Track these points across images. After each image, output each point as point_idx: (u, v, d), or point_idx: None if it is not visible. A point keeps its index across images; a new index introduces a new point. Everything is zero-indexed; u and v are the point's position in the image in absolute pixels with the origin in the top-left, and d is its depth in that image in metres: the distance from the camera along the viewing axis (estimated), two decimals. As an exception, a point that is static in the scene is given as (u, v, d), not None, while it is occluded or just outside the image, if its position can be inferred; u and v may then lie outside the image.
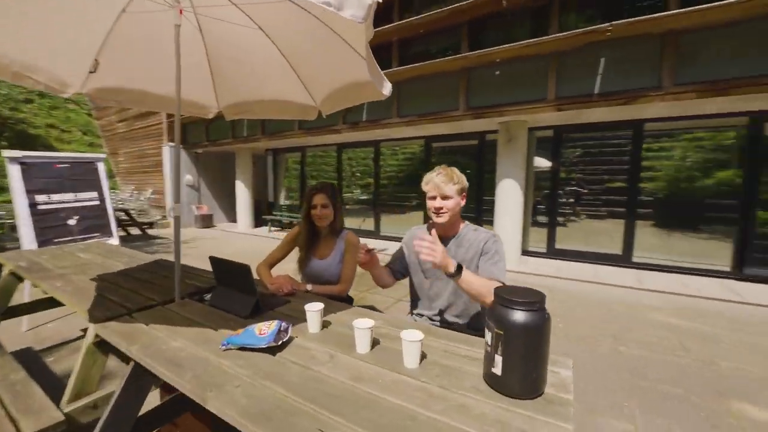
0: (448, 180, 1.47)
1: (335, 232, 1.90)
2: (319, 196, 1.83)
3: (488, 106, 5.30)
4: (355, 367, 1.02)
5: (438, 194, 1.48)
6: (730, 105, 4.53)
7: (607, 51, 4.51)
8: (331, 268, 1.86)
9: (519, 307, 0.88)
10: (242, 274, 1.42)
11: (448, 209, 1.48)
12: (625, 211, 5.91)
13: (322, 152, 10.09)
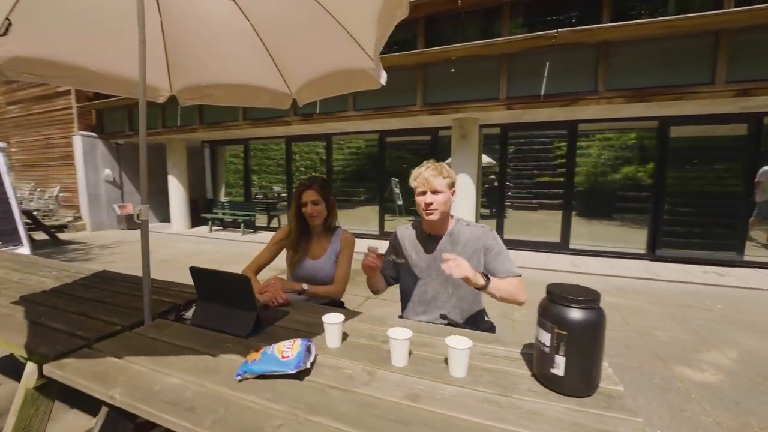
0: (437, 174, 1.41)
1: (329, 230, 1.76)
2: (309, 192, 1.67)
3: (445, 103, 5.41)
4: (402, 383, 0.92)
5: (428, 189, 1.41)
6: (646, 110, 5.20)
7: (552, 56, 4.87)
8: (325, 269, 1.72)
9: (581, 306, 0.86)
10: (238, 286, 1.22)
11: (439, 204, 1.41)
12: (561, 203, 6.51)
13: (263, 145, 9.48)
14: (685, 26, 4.30)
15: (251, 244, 7.04)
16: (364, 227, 8.50)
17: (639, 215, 6.39)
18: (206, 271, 1.28)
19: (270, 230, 8.64)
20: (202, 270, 1.29)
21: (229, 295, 1.25)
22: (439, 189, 1.41)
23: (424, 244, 1.56)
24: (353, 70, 1.74)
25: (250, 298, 1.20)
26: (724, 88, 4.31)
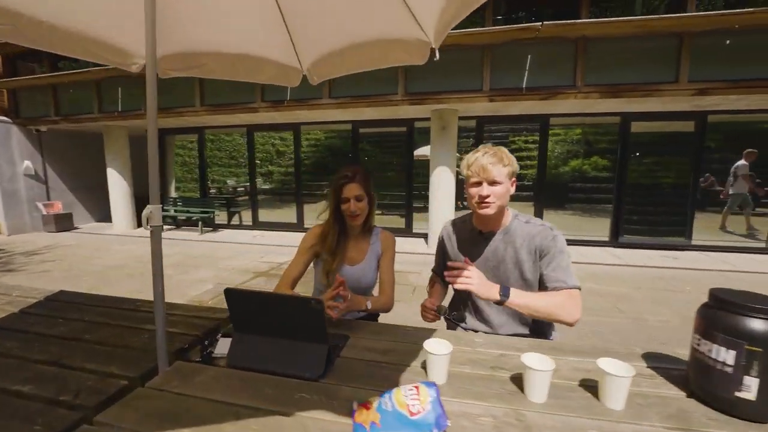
0: (497, 161, 1.19)
1: (368, 230, 1.49)
2: (352, 186, 1.36)
3: (428, 93, 5.24)
4: (566, 426, 0.71)
5: (484, 179, 1.20)
6: (614, 106, 5.47)
7: (534, 50, 4.90)
8: (368, 276, 1.45)
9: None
10: (302, 312, 0.92)
11: (497, 197, 1.20)
12: (532, 195, 6.72)
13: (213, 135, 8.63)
14: (654, 26, 4.53)
15: (213, 245, 6.38)
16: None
17: (601, 204, 6.83)
18: (252, 295, 0.96)
19: (231, 228, 7.93)
20: (245, 293, 0.96)
21: (287, 325, 0.94)
22: (498, 179, 1.19)
23: (474, 241, 1.35)
24: (392, 40, 1.46)
25: (319, 328, 0.90)
26: (686, 87, 4.63)
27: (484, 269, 1.32)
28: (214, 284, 4.09)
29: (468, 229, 1.41)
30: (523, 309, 1.12)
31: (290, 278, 1.39)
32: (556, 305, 1.12)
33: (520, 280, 1.27)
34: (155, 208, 0.93)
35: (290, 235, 7.15)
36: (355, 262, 1.45)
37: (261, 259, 5.25)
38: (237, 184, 14.68)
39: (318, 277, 1.48)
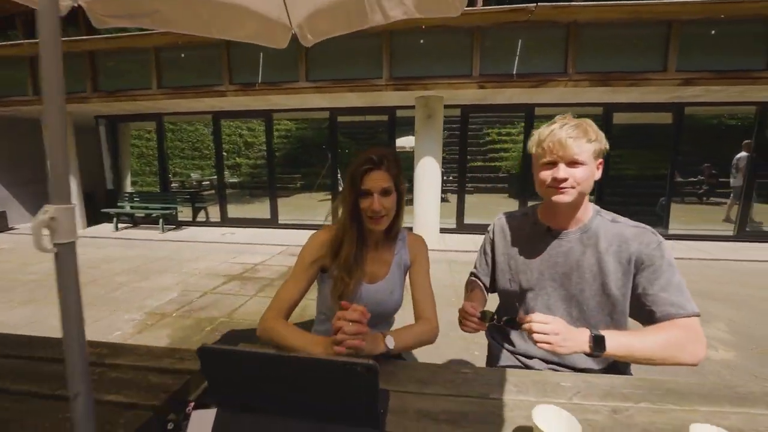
0: (580, 135, 0.90)
1: (392, 236, 1.11)
2: (378, 175, 0.97)
3: (414, 78, 4.90)
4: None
5: (561, 158, 0.91)
6: (599, 96, 5.40)
7: (525, 34, 4.68)
8: (394, 296, 1.09)
9: None
10: (341, 384, 0.55)
11: (578, 181, 0.91)
12: (514, 187, 6.62)
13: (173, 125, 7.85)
14: (645, 12, 4.43)
15: (176, 245, 5.74)
16: (310, 217, 7.66)
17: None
18: (246, 358, 0.57)
19: (197, 225, 7.24)
20: (233, 355, 0.57)
21: (311, 401, 0.57)
22: (580, 159, 0.90)
23: (540, 240, 1.05)
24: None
25: (370, 407, 0.54)
26: (674, 76, 4.59)
27: (550, 276, 1.02)
28: (179, 292, 3.56)
29: (530, 222, 1.09)
30: (627, 359, 0.81)
31: (286, 305, 0.98)
32: (674, 346, 0.80)
33: (600, 295, 0.97)
34: (62, 210, 0.52)
35: (264, 232, 6.61)
36: (375, 279, 1.07)
37: (233, 260, 4.73)
38: (202, 177, 13.74)
39: (323, 300, 1.10)
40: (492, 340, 1.24)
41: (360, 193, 0.98)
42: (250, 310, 3.12)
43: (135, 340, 2.59)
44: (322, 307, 1.11)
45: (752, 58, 4.52)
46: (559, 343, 0.77)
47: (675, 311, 0.84)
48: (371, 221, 1.00)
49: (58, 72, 0.53)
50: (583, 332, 0.81)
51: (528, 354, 1.08)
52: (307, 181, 13.00)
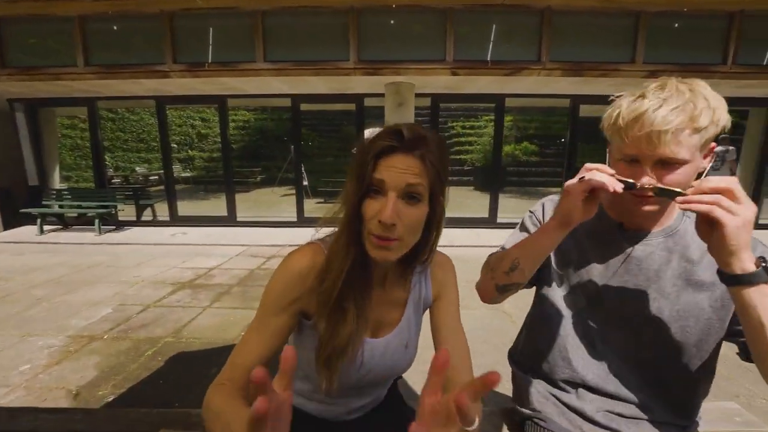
0: (686, 122, 0.61)
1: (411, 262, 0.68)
2: (404, 160, 0.56)
3: (384, 61, 4.54)
4: None
5: (650, 157, 0.64)
6: (567, 87, 5.38)
7: (500, 19, 4.50)
8: (408, 350, 0.73)
9: None
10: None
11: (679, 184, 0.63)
12: (486, 180, 6.54)
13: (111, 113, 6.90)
14: (615, 0, 4.41)
15: (115, 248, 5.00)
16: (273, 214, 7.12)
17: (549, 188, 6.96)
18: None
19: (142, 225, 6.43)
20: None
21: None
22: (678, 157, 0.62)
23: (608, 239, 0.78)
24: None
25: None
26: (641, 68, 4.63)
27: (615, 288, 0.75)
28: (115, 307, 2.98)
29: (595, 216, 0.75)
30: (764, 317, 0.54)
31: (245, 368, 0.59)
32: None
33: (685, 318, 0.72)
34: None
35: (220, 231, 5.99)
36: (382, 329, 0.70)
37: (183, 265, 4.15)
38: (149, 171, 12.48)
39: (304, 355, 0.68)
40: (516, 368, 0.96)
41: (368, 189, 0.58)
42: (202, 325, 2.65)
43: (49, 377, 2.04)
44: (302, 362, 0.71)
45: (711, 53, 4.67)
46: (741, 227, 0.53)
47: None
48: (373, 243, 0.58)
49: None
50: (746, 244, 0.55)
51: (570, 379, 0.81)
52: (268, 175, 12.26)
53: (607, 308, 0.77)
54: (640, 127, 0.62)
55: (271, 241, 5.24)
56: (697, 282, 0.71)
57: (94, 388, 1.92)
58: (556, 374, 0.82)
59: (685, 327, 0.72)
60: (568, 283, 0.82)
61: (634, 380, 0.77)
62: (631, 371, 0.77)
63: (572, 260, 0.81)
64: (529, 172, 9.88)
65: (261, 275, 3.79)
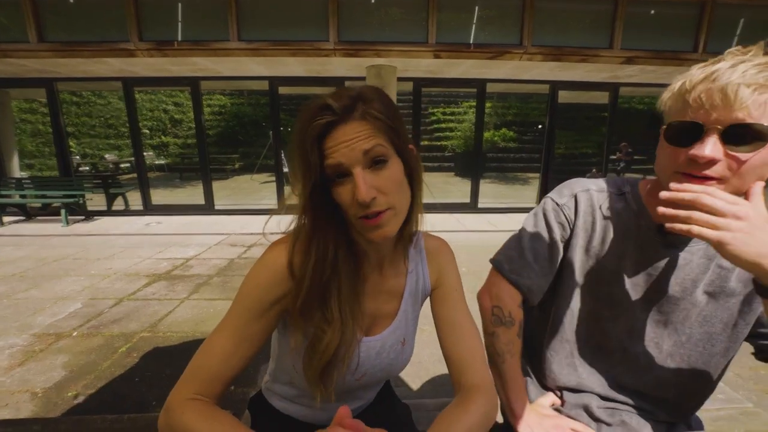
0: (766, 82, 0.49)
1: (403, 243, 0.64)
2: (349, 128, 0.49)
3: (365, 42, 4.40)
4: None
5: (718, 120, 0.51)
6: (548, 73, 5.41)
7: (482, 2, 4.42)
8: (406, 347, 0.68)
9: None
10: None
11: (736, 171, 0.53)
12: (467, 166, 6.57)
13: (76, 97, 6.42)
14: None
15: (84, 240, 4.75)
16: (253, 201, 6.94)
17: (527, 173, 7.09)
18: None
19: (113, 215, 6.12)
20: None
21: None
22: (755, 126, 0.50)
23: (646, 244, 0.69)
24: None
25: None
26: (618, 54, 4.68)
27: (648, 296, 0.70)
28: (85, 302, 2.84)
29: (632, 212, 0.71)
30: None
31: (217, 378, 0.55)
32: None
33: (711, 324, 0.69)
34: None
35: (198, 219, 5.79)
36: (377, 326, 0.65)
37: (159, 255, 3.99)
38: (119, 158, 11.85)
39: (286, 359, 0.64)
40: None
41: (325, 177, 0.52)
42: (180, 319, 2.56)
43: (11, 379, 1.93)
44: (282, 366, 0.68)
45: (682, 40, 4.77)
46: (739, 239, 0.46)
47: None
48: (364, 226, 0.53)
49: None
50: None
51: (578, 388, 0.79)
52: (247, 162, 11.88)
53: (637, 314, 0.72)
54: (713, 83, 0.51)
55: (252, 230, 5.11)
56: (730, 290, 0.66)
57: (62, 390, 1.83)
58: (559, 381, 0.80)
59: (712, 334, 0.69)
60: (591, 290, 0.75)
61: (645, 388, 0.75)
62: (643, 380, 0.74)
63: (606, 265, 0.73)
64: (508, 158, 10.01)
65: (242, 264, 3.69)
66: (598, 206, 0.74)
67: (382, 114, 0.51)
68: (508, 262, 0.80)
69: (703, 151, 0.52)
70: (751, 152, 0.51)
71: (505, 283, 0.79)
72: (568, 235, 0.76)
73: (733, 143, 0.52)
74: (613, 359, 0.76)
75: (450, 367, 0.63)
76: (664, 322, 0.71)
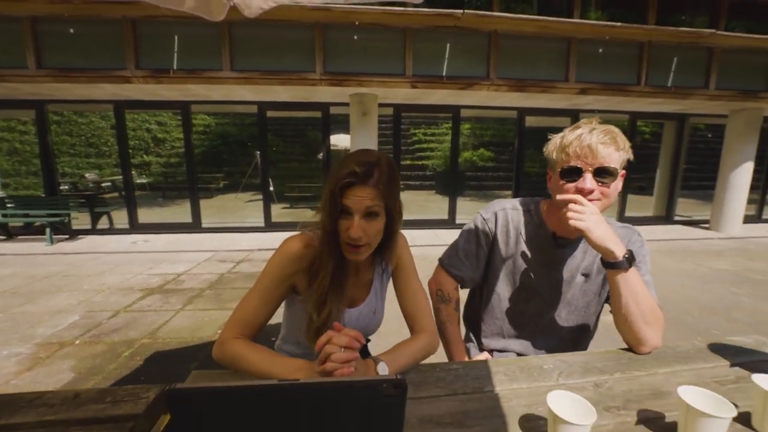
0: (611, 141, 0.85)
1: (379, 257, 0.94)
2: (363, 191, 0.77)
3: (348, 74, 4.83)
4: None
5: (590, 165, 0.85)
6: (514, 101, 5.99)
7: (453, 39, 4.95)
8: (377, 315, 0.98)
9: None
10: (356, 409, 0.46)
11: (605, 195, 0.87)
12: (446, 185, 7.02)
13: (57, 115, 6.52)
14: (551, 27, 5.03)
15: (71, 258, 4.82)
16: (239, 219, 7.12)
17: (502, 191, 7.60)
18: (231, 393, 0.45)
19: (98, 233, 6.17)
20: (211, 393, 0.45)
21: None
22: (609, 168, 0.85)
23: (545, 246, 1.03)
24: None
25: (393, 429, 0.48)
26: (573, 86, 5.30)
27: (550, 283, 1.03)
28: (83, 314, 2.98)
29: (534, 224, 1.05)
30: (624, 291, 0.83)
31: (252, 323, 0.83)
32: (656, 316, 0.85)
33: (591, 294, 1.03)
34: None
35: (185, 237, 5.92)
36: (356, 303, 0.94)
37: (150, 271, 4.13)
38: (100, 177, 11.75)
39: (293, 323, 0.95)
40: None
41: (340, 210, 0.78)
42: (178, 326, 2.75)
43: (23, 381, 2.08)
44: (291, 329, 0.97)
45: (628, 75, 5.45)
46: (593, 225, 0.81)
47: None
48: (348, 249, 0.80)
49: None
50: (617, 238, 0.83)
51: (504, 349, 1.11)
52: (232, 181, 12.00)
53: (542, 298, 1.04)
54: (581, 143, 0.85)
55: (239, 247, 5.29)
56: (596, 271, 1.00)
57: (74, 388, 2.00)
58: (491, 346, 1.12)
59: (589, 302, 1.03)
60: (515, 280, 1.06)
61: (549, 346, 1.07)
62: (550, 340, 1.07)
63: (520, 264, 1.05)
64: (484, 176, 10.61)
65: (232, 278, 3.89)
66: (512, 220, 1.08)
67: (384, 185, 0.77)
68: (447, 259, 1.15)
69: (585, 184, 0.86)
70: (610, 182, 0.87)
71: (444, 273, 1.15)
72: (490, 241, 1.09)
73: (600, 178, 0.87)
74: (528, 328, 1.09)
75: (406, 319, 0.94)
76: (560, 299, 1.04)
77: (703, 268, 4.48)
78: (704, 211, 7.47)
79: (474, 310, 1.21)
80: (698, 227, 7.19)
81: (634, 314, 0.84)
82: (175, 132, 14.20)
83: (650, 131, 9.03)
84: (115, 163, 14.14)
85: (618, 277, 0.83)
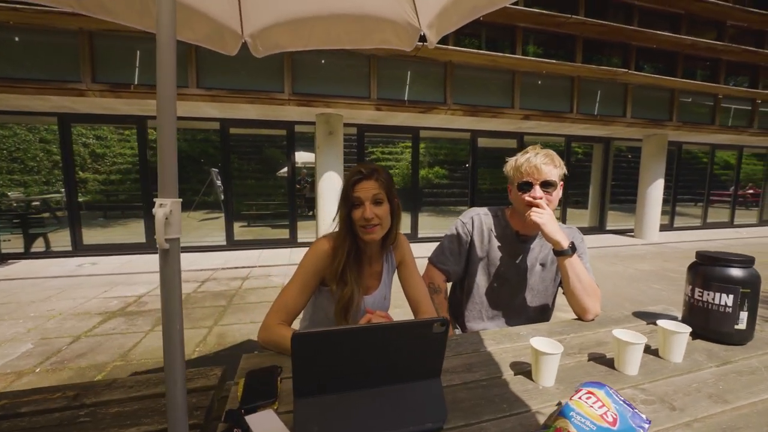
0: (550, 161, 1.17)
1: (385, 246, 1.17)
2: (369, 184, 1.03)
3: (316, 95, 5.04)
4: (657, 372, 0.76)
5: (537, 179, 1.17)
6: (469, 124, 6.59)
7: (414, 67, 5.41)
8: (386, 301, 1.20)
9: (753, 267, 0.99)
10: (416, 343, 0.66)
11: (550, 201, 1.18)
12: (406, 202, 7.38)
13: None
14: (497, 61, 5.69)
15: (6, 284, 4.35)
16: (197, 239, 6.85)
17: (458, 206, 8.15)
18: (335, 334, 0.63)
19: (34, 257, 5.59)
20: (322, 334, 0.62)
21: (389, 365, 0.67)
22: (552, 180, 1.17)
23: (511, 242, 1.31)
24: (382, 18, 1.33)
25: (436, 358, 0.68)
26: (518, 112, 5.99)
27: (516, 271, 1.31)
28: (36, 342, 2.75)
29: (501, 225, 1.33)
30: (573, 271, 1.11)
31: (292, 310, 1.01)
32: (594, 292, 1.15)
33: (548, 280, 1.32)
34: (176, 204, 0.54)
35: (139, 258, 5.59)
36: (370, 291, 1.14)
37: (105, 294, 3.88)
38: (25, 196, 10.55)
39: (317, 311, 1.15)
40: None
41: (352, 204, 1.03)
42: (151, 347, 2.66)
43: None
44: (314, 317, 1.15)
45: (563, 104, 6.29)
46: (548, 221, 1.13)
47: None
48: (365, 232, 1.03)
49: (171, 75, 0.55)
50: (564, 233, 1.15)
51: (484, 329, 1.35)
52: (184, 200, 11.34)
53: (511, 284, 1.32)
54: (529, 164, 1.18)
55: (201, 266, 5.12)
56: (551, 260, 1.30)
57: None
58: (473, 328, 1.37)
59: (547, 286, 1.33)
60: (491, 271, 1.34)
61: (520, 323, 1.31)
62: (519, 319, 1.34)
63: (493, 258, 1.33)
64: (441, 193, 11.23)
65: (200, 298, 3.78)
66: (485, 223, 1.37)
67: (384, 180, 1.06)
68: (436, 257, 1.42)
69: (535, 193, 1.19)
70: (553, 191, 1.19)
71: (434, 268, 1.41)
72: (469, 240, 1.37)
73: (545, 188, 1.18)
74: (502, 310, 1.36)
75: (411, 305, 1.19)
76: (525, 285, 1.33)
77: (631, 270, 5.21)
78: (630, 222, 8.59)
79: (457, 300, 1.46)
80: (625, 235, 8.24)
81: (579, 290, 1.13)
82: (117, 147, 13.27)
83: (582, 152, 10.27)
84: (44, 180, 12.82)
85: (566, 262, 1.13)
